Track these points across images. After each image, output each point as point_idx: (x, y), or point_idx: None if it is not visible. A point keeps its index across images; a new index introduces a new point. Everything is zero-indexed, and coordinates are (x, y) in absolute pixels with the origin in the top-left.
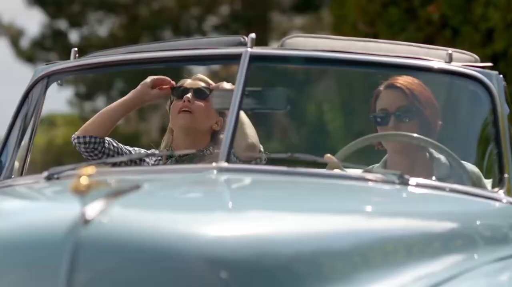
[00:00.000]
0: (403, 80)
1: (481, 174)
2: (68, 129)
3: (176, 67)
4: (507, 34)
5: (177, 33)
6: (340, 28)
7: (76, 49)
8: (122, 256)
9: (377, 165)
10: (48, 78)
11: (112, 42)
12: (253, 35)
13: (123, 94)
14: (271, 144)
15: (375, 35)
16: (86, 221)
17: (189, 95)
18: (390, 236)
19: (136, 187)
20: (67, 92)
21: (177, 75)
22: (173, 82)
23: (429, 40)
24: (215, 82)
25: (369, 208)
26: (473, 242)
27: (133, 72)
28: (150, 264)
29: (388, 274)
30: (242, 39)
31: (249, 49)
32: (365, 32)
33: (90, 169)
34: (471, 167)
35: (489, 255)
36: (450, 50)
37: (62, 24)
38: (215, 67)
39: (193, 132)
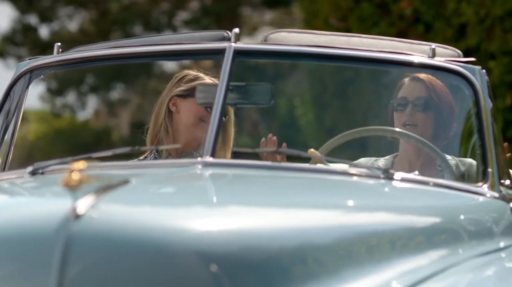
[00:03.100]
0: (427, 76)
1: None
2: (39, 125)
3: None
4: (480, 29)
5: (147, 28)
6: (312, 23)
7: (59, 43)
8: (113, 250)
9: (385, 157)
10: (30, 73)
11: (82, 37)
12: (236, 30)
13: (93, 89)
14: (241, 138)
15: (347, 30)
16: (77, 216)
17: None
18: (376, 231)
19: (125, 182)
20: (39, 88)
21: (148, 72)
22: None
23: (402, 35)
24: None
25: (354, 203)
26: (457, 236)
27: (105, 67)
28: (141, 258)
29: (374, 269)
30: (226, 34)
31: (233, 44)
32: (337, 27)
33: (81, 164)
34: (470, 160)
35: (473, 250)
36: (433, 45)
37: (32, 19)
38: (186, 62)
39: None
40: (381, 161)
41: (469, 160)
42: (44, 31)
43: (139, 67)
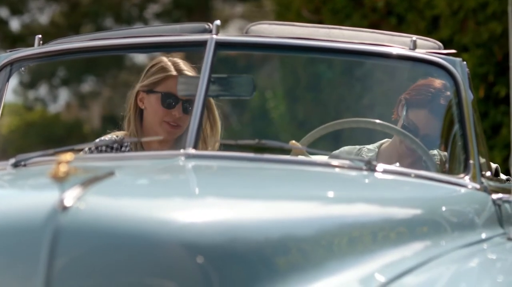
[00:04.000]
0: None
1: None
2: (12, 118)
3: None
4: (453, 22)
5: (119, 21)
6: (284, 16)
7: (40, 36)
8: (100, 242)
9: (369, 145)
10: (11, 66)
11: (53, 29)
12: (218, 22)
13: (65, 82)
14: None
15: (320, 23)
16: (64, 208)
17: (180, 109)
18: (359, 223)
19: (111, 174)
20: (12, 81)
21: (119, 65)
22: None
23: (374, 27)
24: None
25: (339, 195)
26: (440, 228)
27: (76, 60)
28: (128, 250)
29: (358, 260)
30: (207, 26)
31: (214, 36)
32: (310, 19)
33: (69, 156)
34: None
35: (456, 241)
36: (414, 37)
37: (3, 12)
38: (157, 54)
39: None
40: (365, 151)
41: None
42: (15, 24)
43: (110, 59)
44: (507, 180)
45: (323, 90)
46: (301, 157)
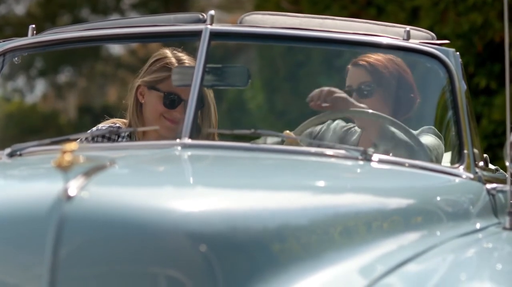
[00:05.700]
0: (368, 57)
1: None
2: None
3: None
4: (433, 12)
5: (95, 12)
6: (263, 6)
7: (33, 25)
8: (104, 231)
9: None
10: (4, 56)
11: (29, 20)
12: (212, 12)
13: (42, 73)
14: None
15: (299, 13)
16: (69, 197)
17: (181, 110)
18: (358, 212)
19: (112, 163)
20: None
21: (95, 55)
22: None
23: (354, 18)
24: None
25: (337, 184)
26: (436, 218)
27: (52, 52)
28: (132, 238)
29: (357, 250)
30: (201, 16)
31: (209, 26)
32: (289, 10)
33: (73, 145)
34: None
35: (451, 231)
36: (407, 27)
37: None
38: (133, 45)
39: None
40: None
41: (425, 137)
42: None
43: (86, 50)
44: (496, 170)
45: (302, 80)
46: (296, 147)
